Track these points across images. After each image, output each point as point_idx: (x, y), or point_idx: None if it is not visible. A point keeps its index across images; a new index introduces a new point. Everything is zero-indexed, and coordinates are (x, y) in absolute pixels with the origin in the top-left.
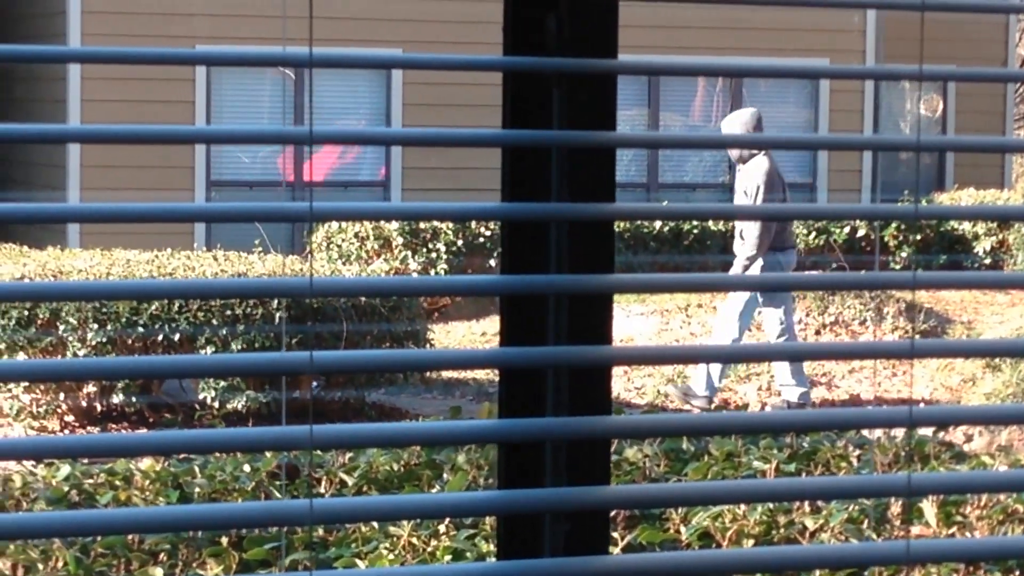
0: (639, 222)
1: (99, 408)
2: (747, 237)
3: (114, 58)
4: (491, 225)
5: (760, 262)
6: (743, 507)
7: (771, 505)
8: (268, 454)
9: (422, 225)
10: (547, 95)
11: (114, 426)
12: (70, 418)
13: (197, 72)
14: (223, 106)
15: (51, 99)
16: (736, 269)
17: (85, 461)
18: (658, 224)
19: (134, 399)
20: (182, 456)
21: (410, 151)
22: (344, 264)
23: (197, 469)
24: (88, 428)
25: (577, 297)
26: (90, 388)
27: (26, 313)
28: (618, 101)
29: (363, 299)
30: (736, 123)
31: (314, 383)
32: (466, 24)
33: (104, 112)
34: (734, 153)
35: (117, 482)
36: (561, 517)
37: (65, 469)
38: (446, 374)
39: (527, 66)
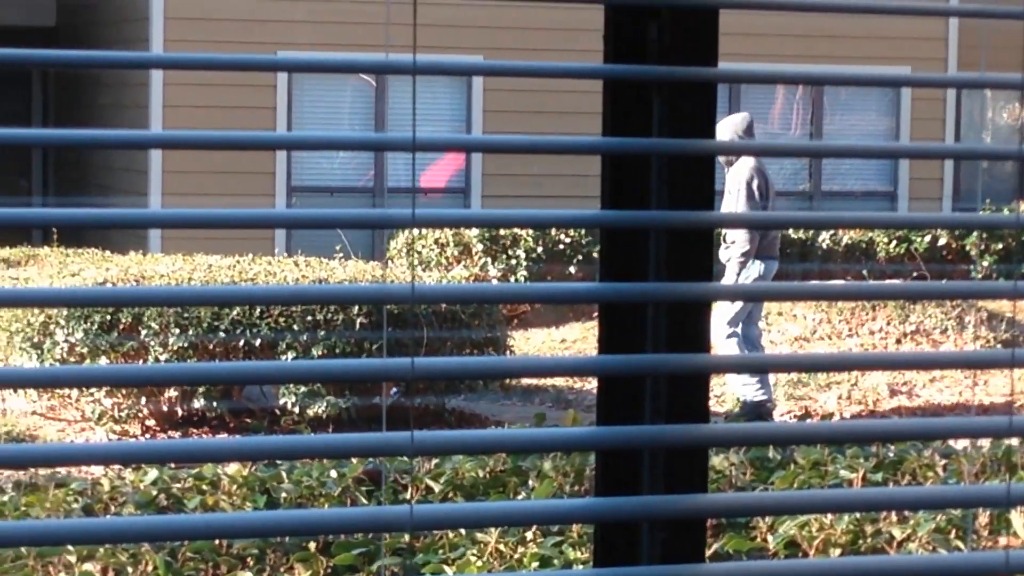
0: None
1: (180, 413)
2: (737, 239)
3: (213, 64)
4: (571, 232)
5: (757, 266)
6: (830, 516)
7: (857, 514)
8: (354, 460)
9: (502, 232)
10: (647, 103)
11: (195, 431)
12: (151, 422)
13: (279, 78)
14: (304, 112)
15: (134, 104)
16: (730, 275)
17: (172, 465)
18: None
19: (215, 404)
20: (267, 461)
21: (491, 158)
22: (424, 270)
23: (284, 474)
24: (169, 433)
25: (676, 305)
26: (171, 393)
27: (108, 318)
28: None
29: (443, 305)
30: (727, 128)
31: (393, 389)
32: (549, 32)
33: (185, 117)
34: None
35: (204, 487)
36: (658, 525)
37: (153, 473)
38: (525, 380)
39: (630, 74)
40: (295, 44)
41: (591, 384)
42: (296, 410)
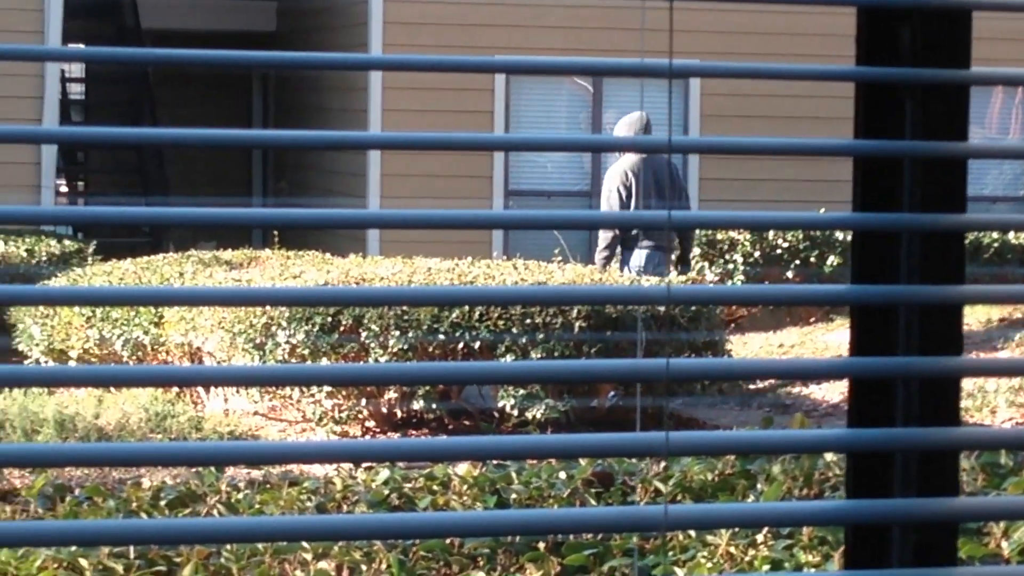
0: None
1: (399, 414)
2: (600, 235)
3: (450, 67)
4: (788, 236)
5: (635, 257)
6: None
7: None
8: (582, 462)
9: (719, 236)
10: (900, 106)
11: (414, 432)
12: (371, 423)
13: (496, 81)
14: (520, 116)
15: (353, 108)
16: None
17: (402, 465)
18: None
19: (434, 405)
20: (497, 462)
21: (703, 163)
22: (639, 274)
23: (514, 475)
24: (388, 434)
25: (927, 308)
26: (391, 394)
27: (329, 320)
28: None
29: (662, 309)
30: (623, 126)
31: (611, 392)
32: (795, 37)
33: (403, 121)
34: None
35: (435, 487)
36: (911, 528)
37: (384, 473)
38: (744, 385)
39: (882, 77)
40: (512, 48)
41: (808, 388)
42: (515, 412)
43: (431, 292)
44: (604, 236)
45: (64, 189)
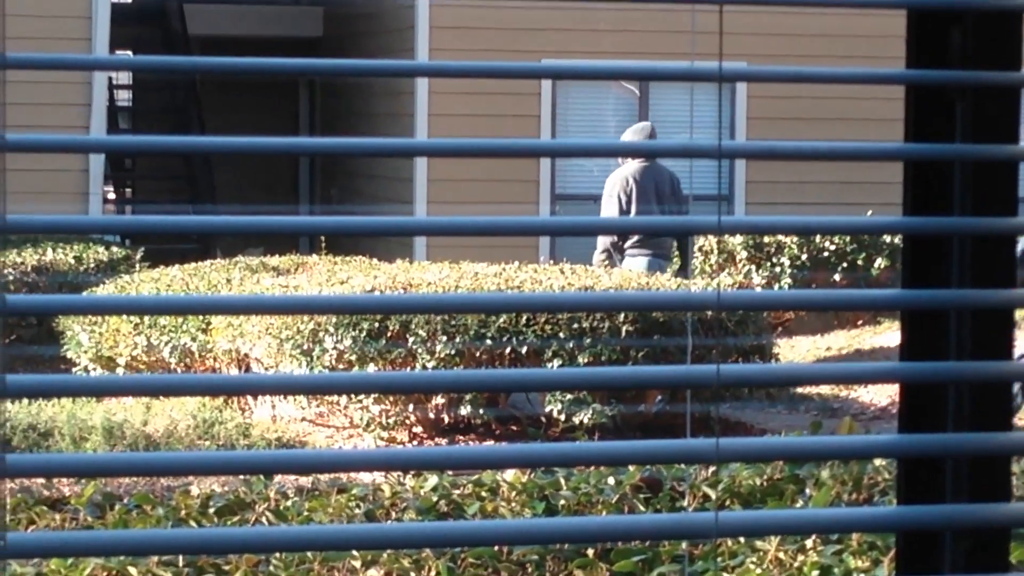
0: None
1: (447, 419)
2: (599, 239)
3: (501, 72)
4: (835, 240)
5: (637, 263)
6: None
7: None
8: (631, 468)
9: (766, 239)
10: (950, 108)
11: (461, 438)
12: (418, 429)
13: (543, 86)
14: (568, 120)
15: (400, 113)
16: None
17: (450, 472)
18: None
19: (481, 411)
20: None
21: (750, 165)
22: (688, 278)
23: (562, 481)
24: (436, 439)
25: (979, 313)
26: (438, 400)
27: (376, 325)
28: None
29: (709, 313)
30: (630, 134)
31: (658, 397)
32: (847, 39)
33: (450, 126)
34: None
35: (484, 493)
36: (962, 534)
37: (433, 480)
38: (792, 389)
39: (933, 79)
40: (560, 52)
41: (856, 392)
42: (562, 417)
43: (477, 299)
44: (603, 240)
45: (112, 196)
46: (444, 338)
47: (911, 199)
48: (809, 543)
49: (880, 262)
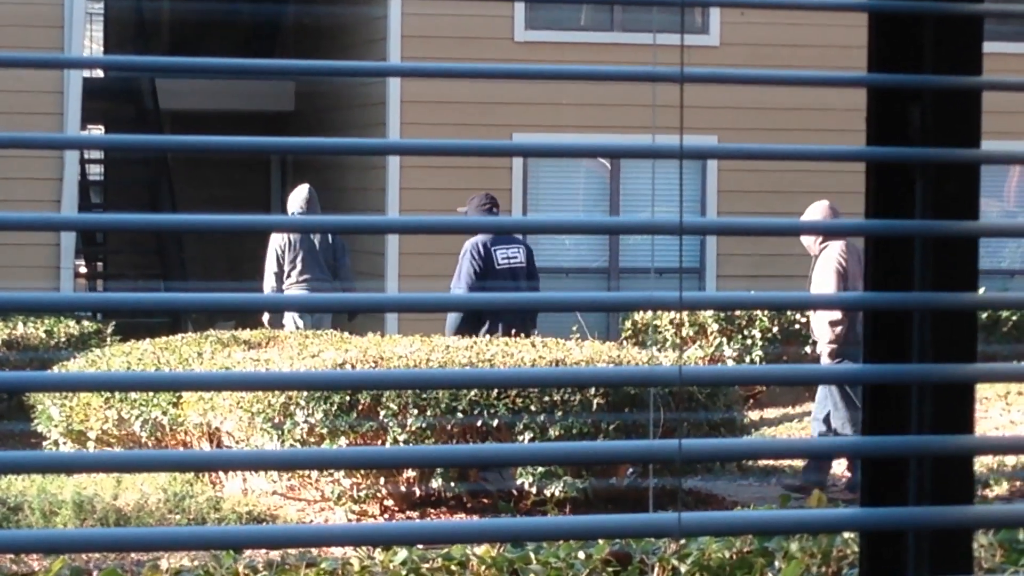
0: None
1: (418, 493)
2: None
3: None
4: (807, 313)
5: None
6: None
7: None
8: (600, 541)
9: (737, 312)
10: (910, 184)
11: (432, 511)
12: (390, 502)
13: (514, 162)
14: (539, 194)
15: (372, 187)
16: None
17: (420, 545)
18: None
19: (452, 484)
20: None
21: (721, 238)
22: (659, 351)
23: (532, 555)
24: (407, 513)
25: (940, 387)
26: (410, 473)
27: (347, 399)
28: None
29: (675, 388)
30: (294, 202)
31: (629, 470)
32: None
33: (421, 198)
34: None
35: (453, 567)
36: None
37: (403, 554)
38: (762, 461)
39: (893, 157)
40: (529, 126)
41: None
42: (533, 490)
43: (448, 375)
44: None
45: (83, 270)
46: (415, 411)
47: (872, 274)
48: None
49: None
